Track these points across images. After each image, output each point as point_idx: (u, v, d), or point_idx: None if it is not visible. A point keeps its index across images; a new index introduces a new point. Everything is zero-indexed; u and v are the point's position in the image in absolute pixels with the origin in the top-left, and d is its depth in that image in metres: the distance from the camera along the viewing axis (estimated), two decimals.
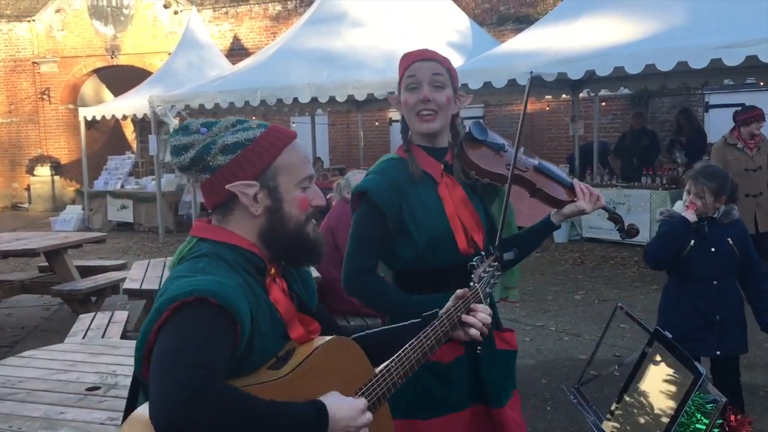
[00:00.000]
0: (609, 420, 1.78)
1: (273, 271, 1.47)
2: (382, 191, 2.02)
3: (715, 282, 3.45)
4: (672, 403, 1.53)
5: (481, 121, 2.19)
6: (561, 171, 2.19)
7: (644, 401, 1.68)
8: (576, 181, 2.17)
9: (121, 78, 17.75)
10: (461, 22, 11.41)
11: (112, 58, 18.00)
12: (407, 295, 2.04)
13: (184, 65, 14.14)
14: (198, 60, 14.21)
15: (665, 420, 1.53)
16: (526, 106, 2.29)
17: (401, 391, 1.89)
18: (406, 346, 1.55)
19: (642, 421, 1.66)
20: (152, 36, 17.93)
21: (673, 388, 1.56)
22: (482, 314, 1.71)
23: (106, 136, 18.42)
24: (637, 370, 1.75)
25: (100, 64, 18.30)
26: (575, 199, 2.12)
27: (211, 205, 1.48)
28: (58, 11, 18.21)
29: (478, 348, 1.93)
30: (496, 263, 1.87)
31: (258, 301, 1.39)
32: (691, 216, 3.39)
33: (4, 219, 16.09)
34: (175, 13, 17.76)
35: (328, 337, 1.47)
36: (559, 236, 10.17)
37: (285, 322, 1.44)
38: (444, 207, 2.04)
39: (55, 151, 18.35)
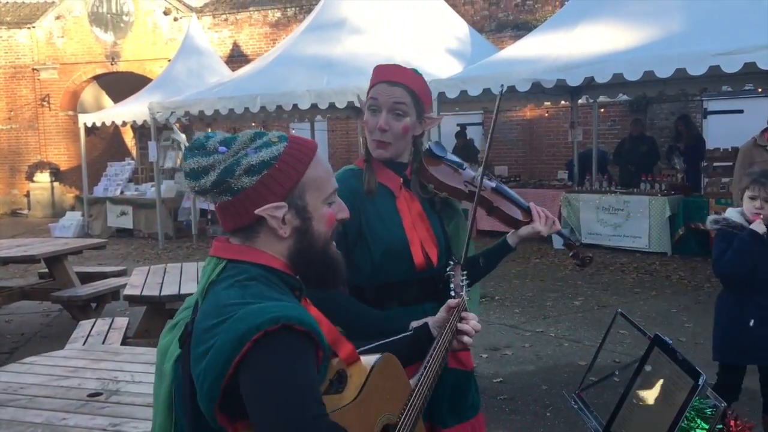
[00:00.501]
0: (609, 426, 1.79)
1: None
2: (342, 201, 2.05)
3: None
4: (672, 409, 1.54)
5: (440, 141, 2.21)
6: (517, 195, 2.23)
7: (644, 407, 1.69)
8: (532, 205, 2.19)
9: (121, 84, 17.78)
10: (460, 28, 11.45)
11: (111, 64, 18.04)
12: (366, 308, 2.01)
13: (184, 72, 14.18)
14: (198, 66, 14.25)
15: (665, 425, 1.54)
16: (495, 121, 2.28)
17: None
18: (428, 357, 1.56)
19: (642, 426, 1.67)
20: (152, 43, 17.97)
21: (673, 394, 1.57)
22: (473, 321, 1.73)
23: (106, 143, 18.45)
24: (637, 376, 1.76)
25: (99, 71, 18.33)
26: (531, 221, 2.14)
27: (231, 228, 1.36)
28: (58, 18, 18.26)
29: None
30: (465, 273, 1.89)
31: None
32: (760, 227, 3.25)
33: (4, 225, 16.10)
34: (175, 19, 17.81)
35: (376, 355, 1.42)
36: (559, 242, 10.18)
37: (331, 344, 1.36)
38: (401, 220, 2.03)
39: (54, 158, 18.37)
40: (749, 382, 3.87)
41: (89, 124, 14.47)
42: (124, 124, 14.61)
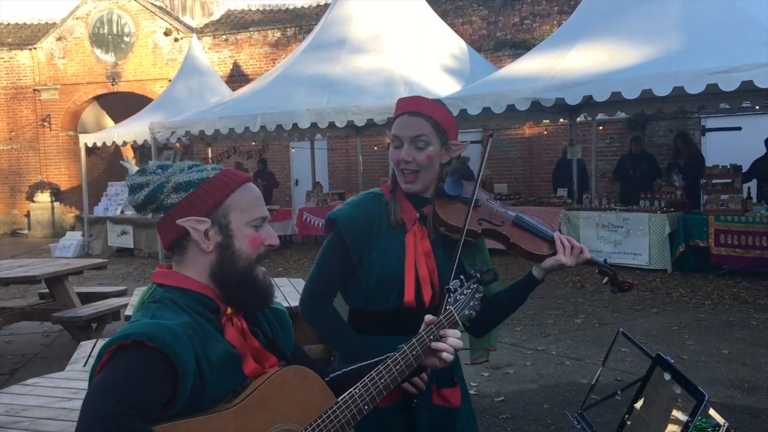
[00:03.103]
0: None
1: (229, 311, 1.49)
2: (352, 223, 2.04)
3: None
4: (675, 428, 1.55)
5: (456, 176, 2.10)
6: (543, 223, 2.10)
7: (647, 426, 1.69)
8: (557, 234, 2.07)
9: (122, 105, 17.88)
10: (459, 48, 11.54)
11: (112, 85, 18.14)
12: (358, 335, 2.03)
13: (185, 92, 14.26)
14: (198, 86, 14.33)
15: None
16: (482, 166, 2.13)
17: None
18: (373, 371, 1.54)
19: None
20: (153, 63, 18.09)
21: (675, 413, 1.57)
22: (452, 339, 1.65)
23: (106, 163, 18.51)
24: (639, 395, 1.77)
25: (100, 91, 18.43)
26: (555, 252, 2.03)
27: (167, 245, 1.52)
28: (59, 39, 18.38)
29: (414, 401, 1.92)
30: (476, 285, 1.78)
31: (209, 340, 1.40)
32: None
33: (4, 245, 16.09)
34: (176, 40, 17.93)
35: (281, 368, 1.47)
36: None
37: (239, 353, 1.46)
38: (404, 255, 2.01)
39: (55, 178, 18.41)
40: (749, 400, 3.86)
41: (90, 144, 14.52)
42: (125, 144, 14.67)
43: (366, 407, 1.50)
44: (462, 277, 1.80)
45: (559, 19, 14.37)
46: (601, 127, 13.19)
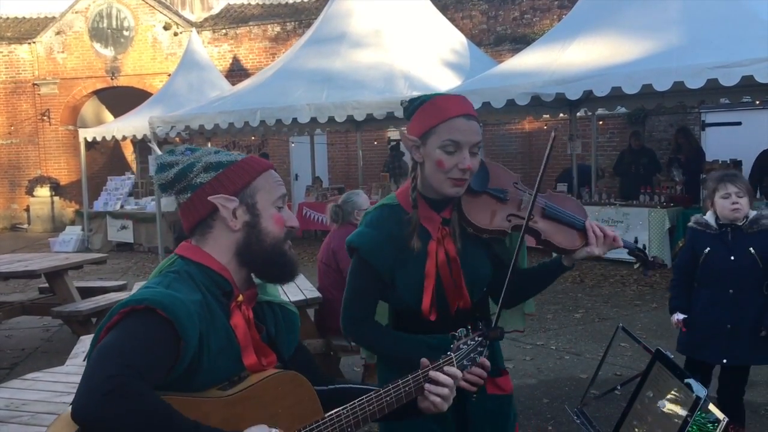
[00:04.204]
0: None
1: (241, 298, 1.52)
2: (376, 250, 1.95)
3: (731, 291, 3.44)
4: (674, 423, 1.55)
5: (484, 162, 2.01)
6: (573, 206, 2.02)
7: (647, 421, 1.69)
8: (589, 223, 1.98)
9: (121, 99, 17.85)
10: (459, 42, 11.51)
11: (112, 79, 18.11)
12: (402, 336, 2.01)
13: (184, 86, 14.22)
14: (198, 81, 14.30)
15: None
16: (545, 164, 1.97)
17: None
18: (363, 396, 1.55)
19: None
20: (152, 57, 18.05)
21: (675, 408, 1.57)
22: (442, 389, 1.61)
23: (106, 157, 18.49)
24: (639, 390, 1.77)
25: (100, 86, 18.40)
26: (587, 243, 1.96)
27: (190, 226, 1.55)
28: (58, 33, 18.34)
29: (473, 396, 1.86)
30: (480, 338, 1.75)
31: (215, 322, 1.44)
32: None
33: (4, 240, 16.10)
34: (175, 34, 17.90)
35: (281, 370, 1.50)
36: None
37: (241, 348, 1.48)
38: (426, 262, 1.96)
39: (54, 172, 18.40)
40: (748, 395, 3.87)
41: (89, 139, 14.49)
42: (124, 138, 14.64)
43: (349, 429, 1.50)
44: (469, 326, 1.77)
45: (560, 14, 14.34)
46: (601, 122, 13.18)
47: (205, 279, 1.48)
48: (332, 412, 1.50)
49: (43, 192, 17.98)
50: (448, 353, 1.69)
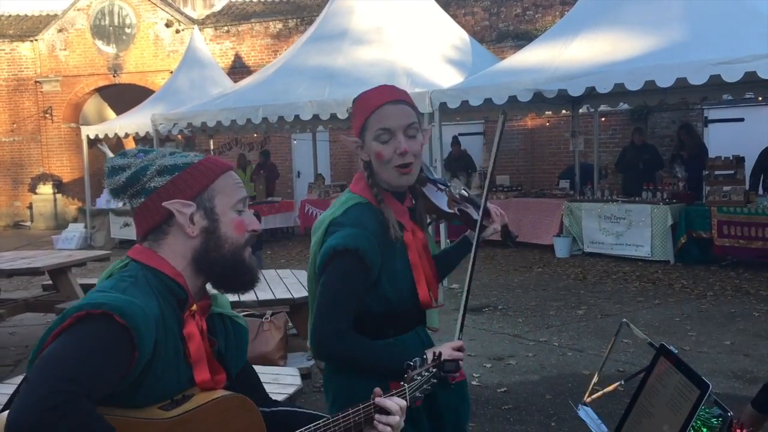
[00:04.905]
0: None
1: (195, 307, 1.43)
2: (371, 249, 1.86)
3: None
4: (678, 418, 1.55)
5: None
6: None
7: (651, 416, 1.70)
8: (489, 206, 2.22)
9: (124, 96, 17.86)
10: (461, 39, 11.50)
11: (114, 76, 18.13)
12: (376, 344, 1.93)
13: (186, 83, 14.24)
14: (200, 78, 14.31)
15: None
16: (497, 144, 2.17)
17: None
18: (311, 425, 1.46)
19: None
20: (154, 55, 18.06)
21: (679, 403, 1.58)
22: (393, 417, 1.55)
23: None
24: (643, 386, 1.77)
25: (102, 83, 18.42)
26: (492, 222, 2.18)
27: (144, 231, 1.45)
28: (60, 31, 18.35)
29: (452, 382, 1.95)
30: (435, 369, 1.73)
31: (167, 333, 1.35)
32: None
33: (7, 237, 16.12)
34: (177, 31, 17.90)
35: (230, 393, 1.39)
36: (561, 251, 10.19)
37: (192, 363, 1.39)
38: (408, 255, 1.94)
39: (57, 170, 18.42)
40: (751, 391, 3.87)
41: (92, 136, 14.52)
42: (127, 135, 14.66)
43: None
44: (425, 355, 1.77)
45: (562, 10, 14.32)
46: (603, 119, 13.16)
47: (160, 285, 1.39)
48: None
49: (46, 189, 18.00)
50: (402, 383, 1.65)
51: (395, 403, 1.57)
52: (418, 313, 2.03)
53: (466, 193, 2.19)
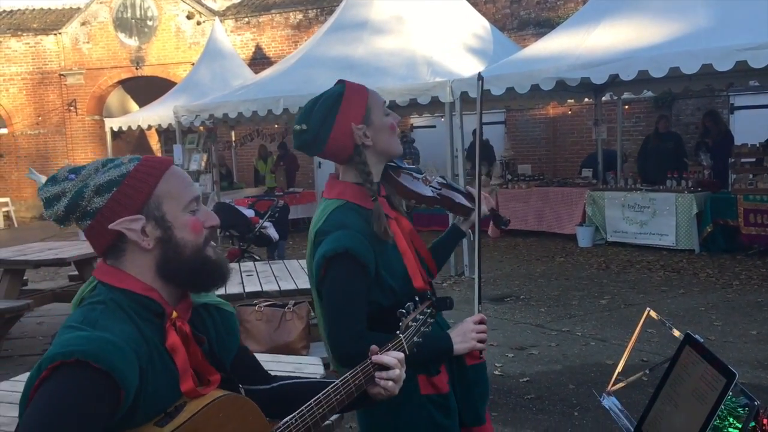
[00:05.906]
0: (641, 425, 1.79)
1: (175, 314, 1.39)
2: (364, 246, 1.86)
3: None
4: (704, 407, 1.54)
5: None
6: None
7: (676, 406, 1.68)
8: (469, 188, 2.29)
9: (146, 88, 18.01)
10: (482, 27, 11.42)
11: (136, 69, 18.28)
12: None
13: (208, 75, 14.31)
14: (221, 70, 14.37)
15: (698, 424, 1.54)
16: (480, 113, 2.28)
17: (410, 427, 1.89)
18: (311, 401, 1.45)
19: (674, 425, 1.67)
20: (176, 47, 18.17)
21: (705, 392, 1.56)
22: (393, 371, 1.56)
23: (132, 146, 18.66)
24: (668, 375, 1.76)
25: (125, 76, 18.58)
26: (474, 205, 2.24)
27: (101, 251, 1.39)
28: (83, 24, 18.52)
29: (481, 356, 2.01)
30: (429, 309, 1.73)
31: (151, 352, 1.31)
32: None
33: (33, 229, 16.37)
34: (198, 23, 17.98)
35: (219, 393, 1.37)
36: (584, 241, 10.12)
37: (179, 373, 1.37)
38: (397, 243, 1.94)
39: (82, 162, 18.39)
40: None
41: (115, 128, 14.67)
42: (150, 127, 14.79)
43: None
44: (417, 298, 1.76)
45: None
46: (627, 107, 13.01)
47: (132, 304, 1.34)
48: (281, 423, 1.42)
49: None
50: (397, 333, 1.65)
51: (393, 357, 1.57)
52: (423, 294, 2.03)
53: (444, 180, 2.25)
